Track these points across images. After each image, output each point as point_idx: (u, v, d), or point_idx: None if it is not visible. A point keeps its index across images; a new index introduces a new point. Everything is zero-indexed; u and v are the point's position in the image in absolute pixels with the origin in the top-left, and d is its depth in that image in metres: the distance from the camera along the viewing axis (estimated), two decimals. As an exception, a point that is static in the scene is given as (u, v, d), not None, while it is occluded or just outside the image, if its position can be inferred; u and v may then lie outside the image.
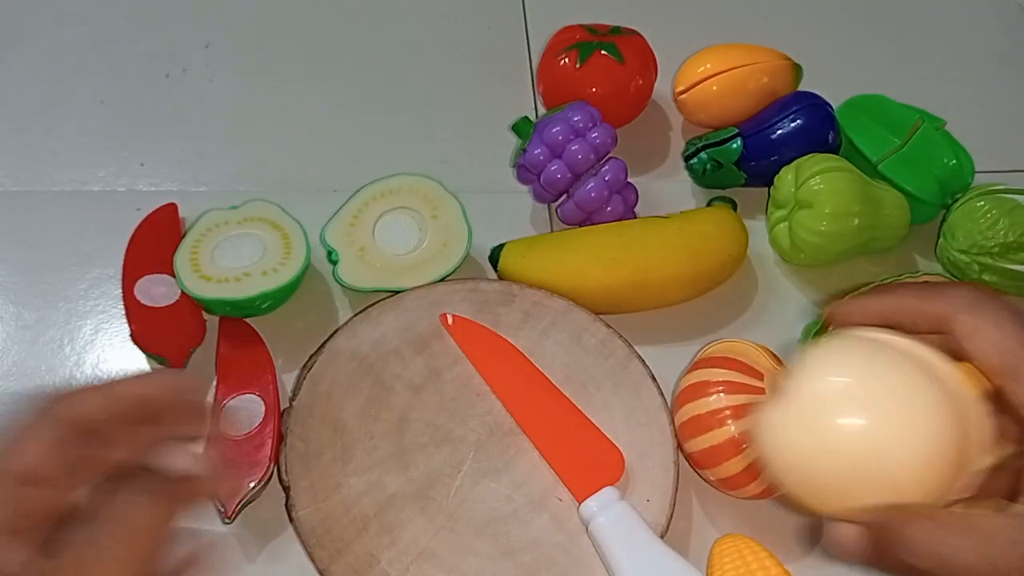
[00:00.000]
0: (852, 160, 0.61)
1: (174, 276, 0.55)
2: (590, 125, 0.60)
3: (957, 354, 0.32)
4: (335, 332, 0.54)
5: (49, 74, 0.70)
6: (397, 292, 0.56)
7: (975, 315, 0.31)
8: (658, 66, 0.68)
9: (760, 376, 0.50)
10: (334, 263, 0.57)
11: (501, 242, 0.59)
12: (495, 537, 0.50)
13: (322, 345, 0.54)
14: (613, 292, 0.57)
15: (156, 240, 0.58)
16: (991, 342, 0.31)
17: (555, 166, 0.60)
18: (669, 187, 0.67)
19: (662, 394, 0.53)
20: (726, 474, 0.50)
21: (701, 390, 0.50)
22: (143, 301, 0.55)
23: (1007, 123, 0.74)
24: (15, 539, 0.28)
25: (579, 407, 0.54)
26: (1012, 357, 0.30)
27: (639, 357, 0.54)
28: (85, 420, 0.30)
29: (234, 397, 0.53)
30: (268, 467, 0.50)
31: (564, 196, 0.62)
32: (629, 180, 0.62)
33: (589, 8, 0.72)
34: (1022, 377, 0.30)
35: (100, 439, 0.31)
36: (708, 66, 0.67)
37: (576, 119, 0.60)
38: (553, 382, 0.55)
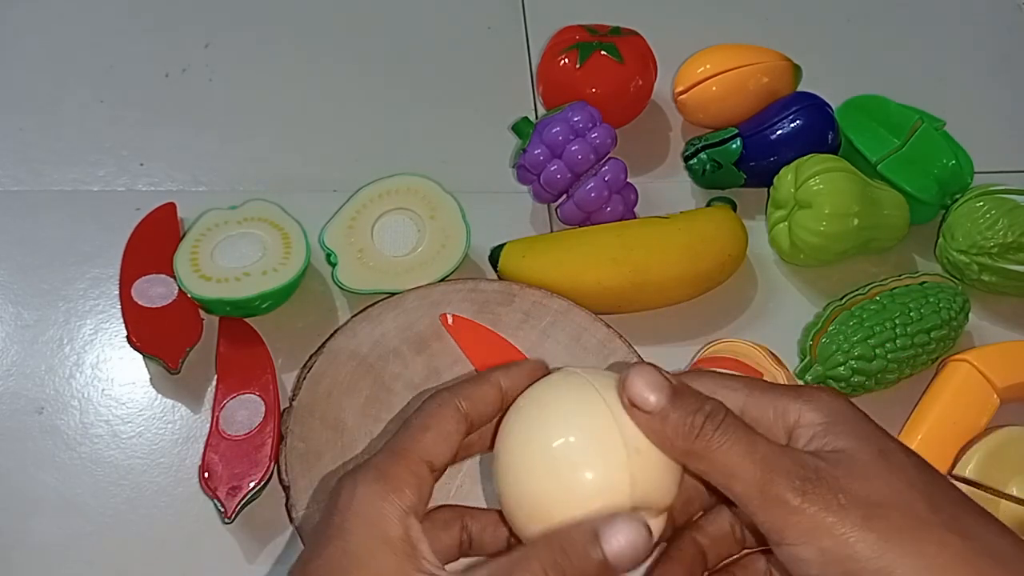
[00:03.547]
0: (852, 160, 0.62)
1: (173, 276, 0.55)
2: (590, 125, 0.60)
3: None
4: (335, 332, 0.54)
5: (49, 74, 0.70)
6: (397, 293, 0.56)
7: (702, 378, 0.33)
8: (658, 66, 0.68)
9: (760, 376, 0.50)
10: (333, 265, 0.57)
11: (501, 242, 0.59)
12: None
13: (322, 345, 0.54)
14: (613, 292, 0.57)
15: (155, 240, 0.58)
16: (723, 394, 0.33)
17: (555, 166, 0.60)
18: (669, 187, 0.67)
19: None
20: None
21: (701, 390, 0.50)
22: (140, 302, 0.55)
23: (1007, 123, 0.74)
24: (418, 524, 0.31)
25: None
26: (740, 400, 0.33)
27: (639, 357, 0.54)
28: (481, 416, 0.34)
29: (234, 397, 0.53)
30: (268, 467, 0.50)
31: (564, 196, 0.62)
32: (629, 180, 0.62)
33: (589, 8, 0.72)
34: (766, 403, 0.32)
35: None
36: (708, 66, 0.67)
37: (576, 119, 0.60)
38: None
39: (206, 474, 0.49)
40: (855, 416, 0.31)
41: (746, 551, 0.36)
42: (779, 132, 0.64)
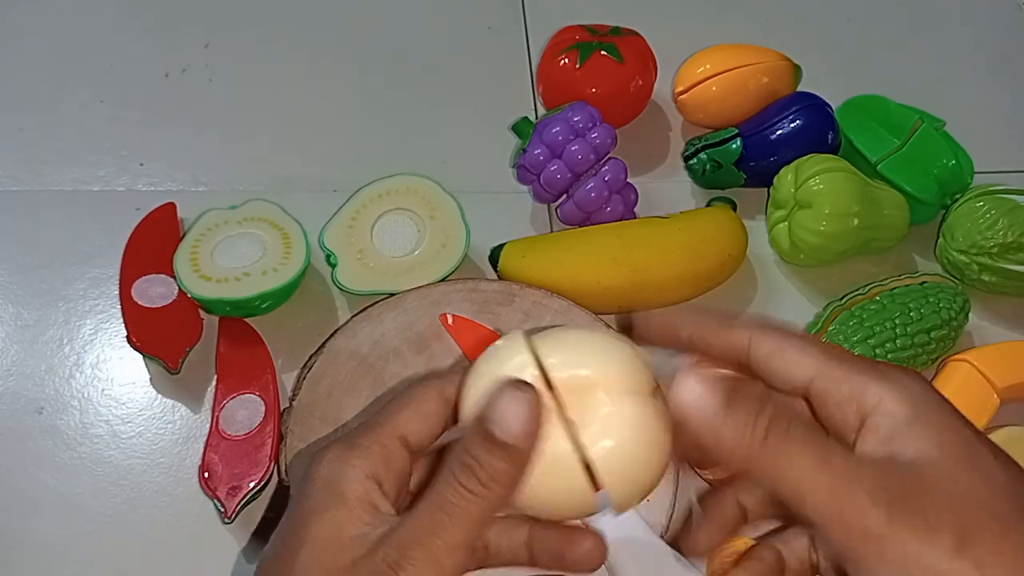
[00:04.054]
0: (852, 160, 0.62)
1: (173, 276, 0.55)
2: (590, 125, 0.60)
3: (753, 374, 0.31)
4: (335, 332, 0.54)
5: (49, 74, 0.70)
6: (397, 294, 0.56)
7: (773, 334, 0.31)
8: (658, 66, 0.68)
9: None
10: (333, 266, 0.57)
11: (501, 242, 0.59)
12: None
13: (322, 345, 0.54)
14: (613, 292, 0.57)
15: (155, 240, 0.58)
16: (798, 354, 0.30)
17: (555, 166, 0.60)
18: (669, 187, 0.67)
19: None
20: (726, 474, 0.50)
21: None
22: (140, 302, 0.55)
23: (1006, 123, 0.74)
24: (380, 490, 0.31)
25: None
26: (813, 368, 0.29)
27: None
28: (452, 393, 0.33)
29: (234, 397, 0.53)
30: (268, 467, 0.50)
31: (564, 196, 0.62)
32: (629, 180, 0.62)
33: (589, 8, 0.72)
34: (842, 379, 0.29)
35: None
36: (708, 66, 0.67)
37: (576, 119, 0.60)
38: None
39: (206, 474, 0.49)
40: (939, 408, 0.28)
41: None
42: (779, 132, 0.64)
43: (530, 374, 0.30)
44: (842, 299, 0.58)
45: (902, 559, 0.25)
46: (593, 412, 0.30)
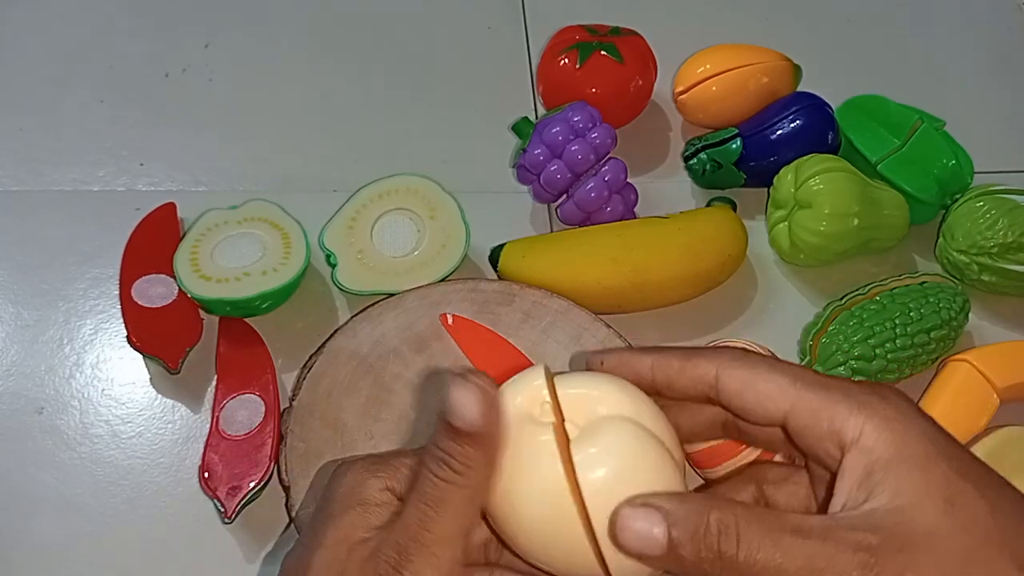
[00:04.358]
0: (852, 160, 0.62)
1: (173, 276, 0.55)
2: (590, 125, 0.60)
3: (729, 413, 0.31)
4: (335, 332, 0.54)
5: (49, 74, 0.70)
6: (397, 294, 0.56)
7: (741, 367, 0.30)
8: (658, 66, 0.68)
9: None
10: (333, 266, 0.57)
11: (501, 242, 0.59)
12: None
13: (322, 345, 0.54)
14: (613, 292, 0.57)
15: (155, 240, 0.58)
16: (769, 386, 0.29)
17: (555, 166, 0.60)
18: (669, 187, 0.67)
19: (662, 394, 0.53)
20: (726, 474, 0.50)
21: (701, 390, 0.50)
22: (140, 302, 0.55)
23: (1007, 123, 0.74)
24: (398, 501, 0.31)
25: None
26: (788, 401, 0.29)
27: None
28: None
29: (234, 397, 0.53)
30: (268, 467, 0.50)
31: (564, 196, 0.62)
32: (629, 180, 0.62)
33: (589, 8, 0.72)
34: (818, 411, 0.28)
35: None
36: (708, 66, 0.67)
37: (576, 119, 0.60)
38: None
39: (206, 474, 0.49)
40: (920, 443, 0.27)
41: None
42: (779, 132, 0.64)
43: (541, 398, 0.31)
44: (842, 299, 0.58)
45: None
46: (597, 442, 0.29)
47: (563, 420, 0.31)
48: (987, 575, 0.25)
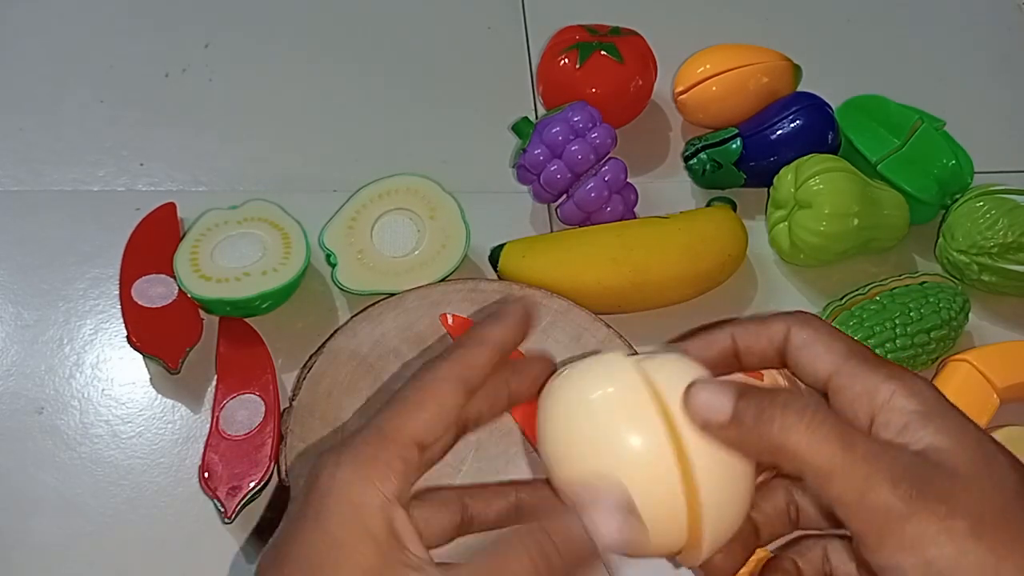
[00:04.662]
0: (852, 160, 0.62)
1: (173, 276, 0.55)
2: (590, 125, 0.60)
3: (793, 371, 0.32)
4: (335, 332, 0.54)
5: (49, 74, 0.70)
6: (397, 294, 0.56)
7: (809, 327, 0.32)
8: (658, 66, 0.68)
9: (760, 376, 0.50)
10: (333, 266, 0.57)
11: (501, 242, 0.59)
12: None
13: (322, 345, 0.54)
14: (613, 292, 0.57)
15: (155, 240, 0.58)
16: (825, 348, 0.31)
17: (555, 166, 0.60)
18: (669, 187, 0.67)
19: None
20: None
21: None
22: (140, 302, 0.55)
23: (1007, 123, 0.74)
24: (410, 522, 0.29)
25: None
26: (836, 364, 0.30)
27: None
28: (476, 381, 0.31)
29: (234, 397, 0.53)
30: (268, 467, 0.50)
31: (564, 196, 0.62)
32: (629, 180, 0.62)
33: (589, 8, 0.72)
34: (857, 375, 0.30)
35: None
36: (708, 66, 0.67)
37: (576, 119, 0.60)
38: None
39: (206, 474, 0.49)
40: (951, 408, 0.29)
41: (799, 533, 0.34)
42: (779, 132, 0.64)
43: (645, 400, 0.30)
44: (842, 299, 0.58)
45: (920, 540, 0.26)
46: (703, 451, 0.29)
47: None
48: (1013, 516, 0.26)
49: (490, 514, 0.34)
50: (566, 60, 0.65)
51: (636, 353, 0.33)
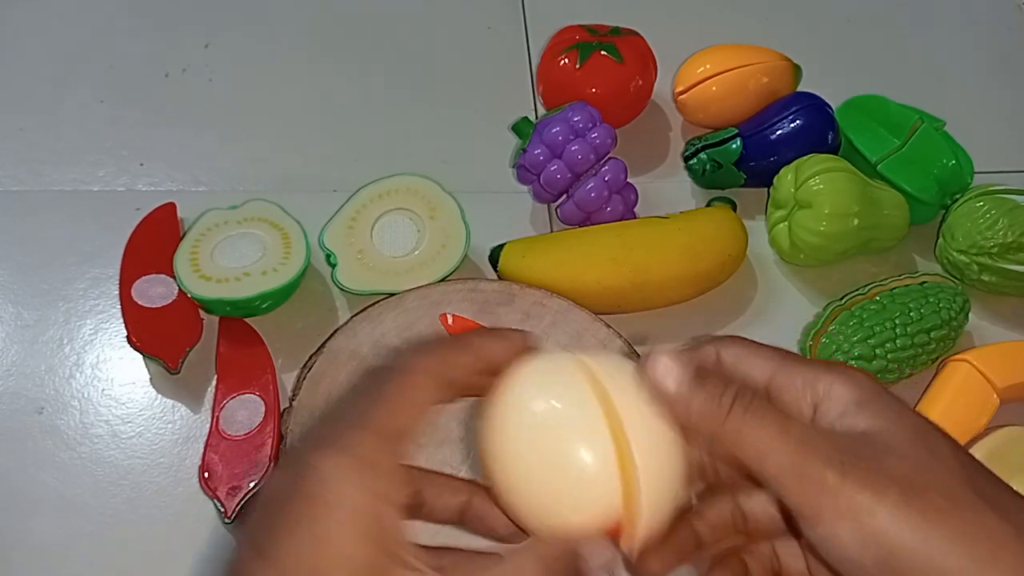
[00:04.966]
0: (852, 160, 0.62)
1: (173, 276, 0.55)
2: (590, 125, 0.60)
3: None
4: (335, 332, 0.54)
5: (49, 74, 0.70)
6: (397, 294, 0.56)
7: (737, 345, 0.33)
8: (658, 66, 0.68)
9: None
10: (333, 266, 0.57)
11: (501, 242, 0.59)
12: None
13: (322, 345, 0.54)
14: (613, 292, 0.57)
15: (155, 240, 0.58)
16: (758, 357, 0.32)
17: (555, 166, 0.60)
18: (669, 187, 0.67)
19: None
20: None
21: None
22: (140, 302, 0.55)
23: (1007, 123, 0.74)
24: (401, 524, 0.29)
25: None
26: (773, 368, 0.32)
27: (639, 357, 0.54)
28: (455, 382, 0.31)
29: (234, 397, 0.53)
30: (268, 467, 0.50)
31: (564, 196, 0.62)
32: (629, 180, 0.62)
33: (589, 8, 0.72)
34: (796, 373, 0.31)
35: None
36: (708, 66, 0.67)
37: (576, 119, 0.60)
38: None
39: (206, 474, 0.49)
40: (887, 396, 0.30)
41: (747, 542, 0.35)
42: (779, 132, 0.64)
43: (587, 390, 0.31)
44: (842, 299, 0.58)
45: (854, 509, 0.27)
46: (638, 424, 0.30)
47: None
48: (949, 493, 0.27)
49: (438, 507, 0.33)
50: (566, 60, 0.65)
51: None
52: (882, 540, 0.27)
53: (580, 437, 0.30)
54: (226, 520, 0.48)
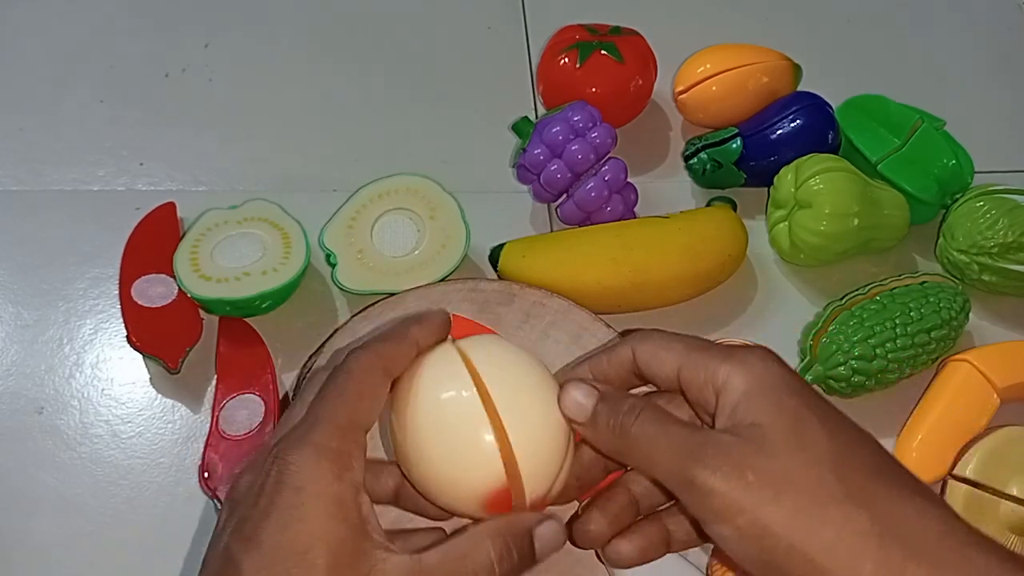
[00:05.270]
0: (852, 160, 0.62)
1: (173, 276, 0.55)
2: (590, 125, 0.60)
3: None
4: (335, 332, 0.54)
5: (49, 74, 0.70)
6: (397, 294, 0.56)
7: (647, 341, 0.36)
8: (658, 66, 0.68)
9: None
10: (333, 266, 0.57)
11: (501, 242, 0.59)
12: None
13: (322, 345, 0.54)
14: (613, 292, 0.57)
15: (155, 240, 0.58)
16: (666, 352, 0.35)
17: (555, 166, 0.60)
18: (669, 187, 0.67)
19: (662, 394, 0.53)
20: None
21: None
22: (140, 302, 0.55)
23: (1007, 123, 0.74)
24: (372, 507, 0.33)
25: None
26: (679, 361, 0.34)
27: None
28: (398, 373, 0.36)
29: (234, 397, 0.53)
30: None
31: (564, 196, 0.62)
32: (629, 180, 0.62)
33: (589, 8, 0.72)
34: (698, 366, 0.34)
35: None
36: (708, 66, 0.67)
37: (576, 119, 0.60)
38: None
39: (206, 474, 0.49)
40: (777, 384, 0.32)
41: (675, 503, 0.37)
42: (779, 132, 0.64)
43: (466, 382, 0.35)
44: (842, 299, 0.58)
45: (731, 511, 0.29)
46: (511, 403, 0.35)
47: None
48: (814, 489, 0.29)
49: (376, 489, 0.38)
50: (566, 60, 0.65)
51: None
52: (757, 537, 0.29)
53: (462, 422, 0.35)
54: (226, 520, 0.48)
